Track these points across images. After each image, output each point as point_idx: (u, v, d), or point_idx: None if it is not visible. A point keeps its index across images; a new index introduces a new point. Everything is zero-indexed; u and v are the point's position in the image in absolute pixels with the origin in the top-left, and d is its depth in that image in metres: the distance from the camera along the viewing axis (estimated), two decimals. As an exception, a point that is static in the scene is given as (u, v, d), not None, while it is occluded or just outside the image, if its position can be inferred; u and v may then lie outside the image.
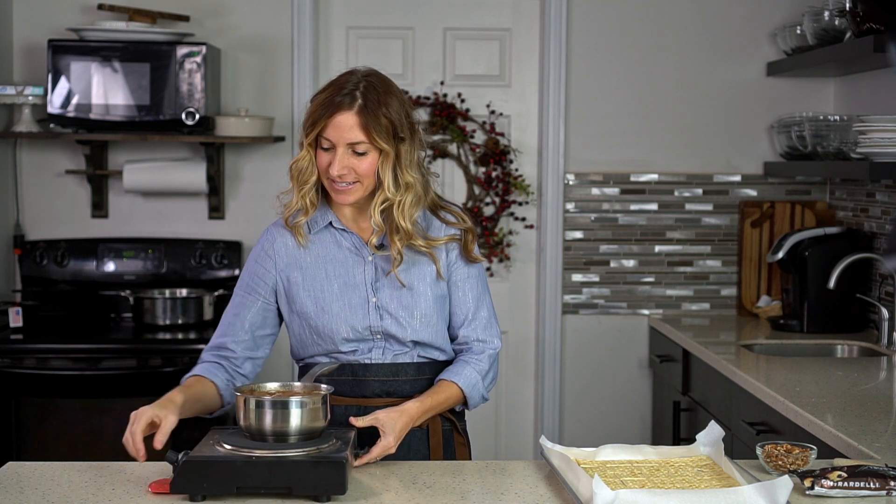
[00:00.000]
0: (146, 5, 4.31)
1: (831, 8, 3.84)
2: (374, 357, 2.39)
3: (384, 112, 2.31)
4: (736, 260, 4.50)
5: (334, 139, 2.29)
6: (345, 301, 2.37)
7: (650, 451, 2.22)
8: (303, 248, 2.40)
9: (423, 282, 2.40)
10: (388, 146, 2.31)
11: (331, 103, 2.29)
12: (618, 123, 4.48)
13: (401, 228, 2.34)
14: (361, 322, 2.37)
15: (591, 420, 4.52)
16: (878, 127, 3.47)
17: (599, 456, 2.21)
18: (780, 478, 1.89)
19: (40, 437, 3.84)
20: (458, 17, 4.52)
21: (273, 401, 2.07)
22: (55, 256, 4.29)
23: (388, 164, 2.32)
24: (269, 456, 2.01)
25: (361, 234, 2.41)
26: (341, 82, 2.34)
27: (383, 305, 2.37)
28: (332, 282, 2.38)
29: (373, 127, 2.29)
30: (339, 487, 1.99)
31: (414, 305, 2.38)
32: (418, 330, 2.38)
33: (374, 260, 2.39)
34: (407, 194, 2.34)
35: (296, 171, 2.37)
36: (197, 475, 1.98)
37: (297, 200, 2.38)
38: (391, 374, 2.39)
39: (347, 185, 2.32)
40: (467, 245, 2.43)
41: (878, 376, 3.32)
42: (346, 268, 2.39)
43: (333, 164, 2.30)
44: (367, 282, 2.38)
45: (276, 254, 2.43)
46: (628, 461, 2.18)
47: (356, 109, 2.29)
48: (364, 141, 2.29)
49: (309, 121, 2.32)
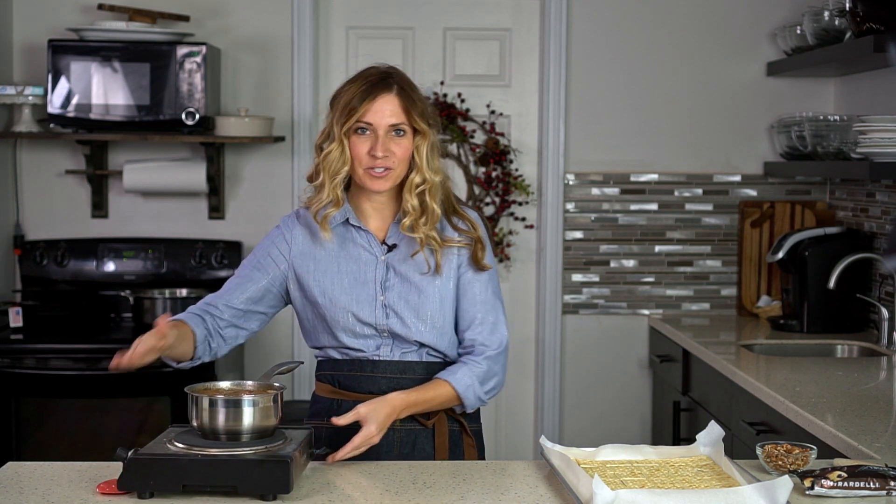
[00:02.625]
0: (146, 5, 4.31)
1: (831, 8, 3.84)
2: (383, 354, 2.40)
3: (418, 96, 2.40)
4: (736, 260, 4.50)
5: (375, 122, 2.34)
6: (353, 296, 2.39)
7: (650, 451, 2.22)
8: (324, 241, 2.41)
9: (432, 284, 2.40)
10: (426, 127, 2.37)
11: (369, 89, 2.36)
12: (618, 123, 4.48)
13: (428, 210, 2.38)
14: (367, 318, 2.38)
15: (591, 420, 4.52)
16: (878, 127, 3.47)
17: (599, 456, 2.21)
18: (780, 478, 1.89)
19: (40, 437, 3.84)
20: (458, 17, 4.52)
21: (225, 399, 2.07)
22: (55, 256, 4.29)
23: (424, 146, 2.38)
24: (214, 454, 2.02)
25: (376, 233, 2.43)
26: (369, 73, 2.41)
27: (390, 304, 2.39)
28: (343, 277, 2.40)
29: (412, 108, 2.36)
30: (283, 486, 1.99)
31: (421, 306, 2.39)
32: (423, 332, 2.39)
33: (387, 259, 2.41)
34: (437, 177, 2.40)
35: (328, 164, 2.38)
36: (144, 473, 1.99)
37: (329, 193, 2.38)
38: (399, 371, 2.40)
39: (383, 170, 2.35)
40: (476, 254, 2.44)
41: (878, 376, 3.32)
42: (359, 264, 2.41)
43: (376, 147, 2.33)
44: (377, 280, 2.40)
45: (293, 241, 2.45)
46: (628, 461, 2.18)
47: (395, 91, 2.37)
48: (404, 122, 2.36)
49: (345, 110, 2.35)
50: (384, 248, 2.42)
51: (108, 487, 2.04)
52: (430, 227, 2.38)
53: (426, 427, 2.40)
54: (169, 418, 3.77)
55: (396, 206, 2.43)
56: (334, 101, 2.41)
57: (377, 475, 2.18)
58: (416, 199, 2.38)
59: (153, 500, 2.00)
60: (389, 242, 2.42)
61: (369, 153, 2.34)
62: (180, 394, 2.26)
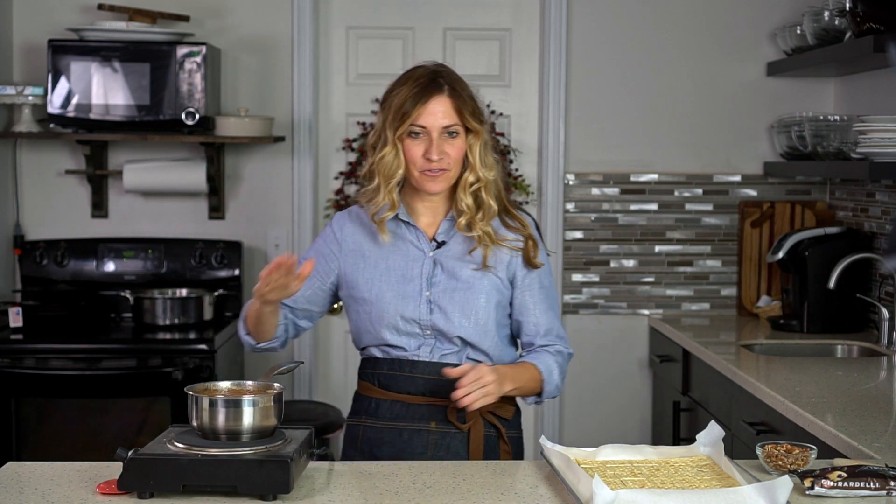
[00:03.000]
0: (146, 5, 4.31)
1: (831, 8, 3.84)
2: (423, 354, 2.41)
3: (467, 94, 2.41)
4: (736, 260, 4.50)
5: (429, 125, 2.36)
6: (398, 292, 2.41)
7: (650, 451, 2.22)
8: (379, 241, 2.43)
9: (480, 282, 2.42)
10: (479, 125, 2.39)
11: (421, 92, 2.36)
12: (618, 123, 4.48)
13: (484, 206, 2.41)
14: (412, 314, 2.40)
15: (591, 420, 4.52)
16: (878, 127, 3.47)
17: (599, 456, 2.21)
18: (780, 478, 1.89)
19: (40, 437, 3.84)
20: (458, 17, 4.52)
21: (225, 400, 2.07)
22: (55, 256, 4.29)
23: (477, 144, 2.40)
24: (214, 454, 2.02)
25: (426, 229, 2.45)
26: (419, 75, 2.41)
27: (435, 300, 2.40)
28: (391, 273, 2.42)
29: (464, 108, 2.38)
30: (283, 486, 1.99)
31: (466, 303, 2.40)
32: (466, 327, 2.40)
33: (435, 255, 2.43)
34: (491, 174, 2.42)
35: (383, 167, 2.39)
36: (143, 473, 1.99)
37: (385, 196, 2.40)
38: (437, 372, 2.39)
39: (439, 171, 2.37)
40: (528, 252, 2.46)
41: (878, 376, 3.32)
42: (406, 260, 2.43)
43: (430, 150, 2.35)
44: (424, 276, 2.42)
45: (344, 240, 2.48)
46: (628, 461, 2.18)
47: (447, 93, 2.38)
48: (457, 123, 2.38)
49: (398, 114, 2.36)
50: (433, 245, 2.44)
51: (108, 487, 2.04)
52: (487, 223, 2.41)
53: (461, 431, 2.41)
54: (169, 418, 3.77)
55: (448, 204, 2.46)
56: (385, 103, 2.41)
57: (377, 475, 2.18)
58: (470, 198, 2.41)
59: (153, 500, 2.00)
60: (439, 239, 2.44)
61: (424, 156, 2.36)
62: (180, 394, 2.27)
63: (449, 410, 2.40)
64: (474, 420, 2.41)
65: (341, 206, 4.47)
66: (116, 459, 2.03)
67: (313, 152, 4.44)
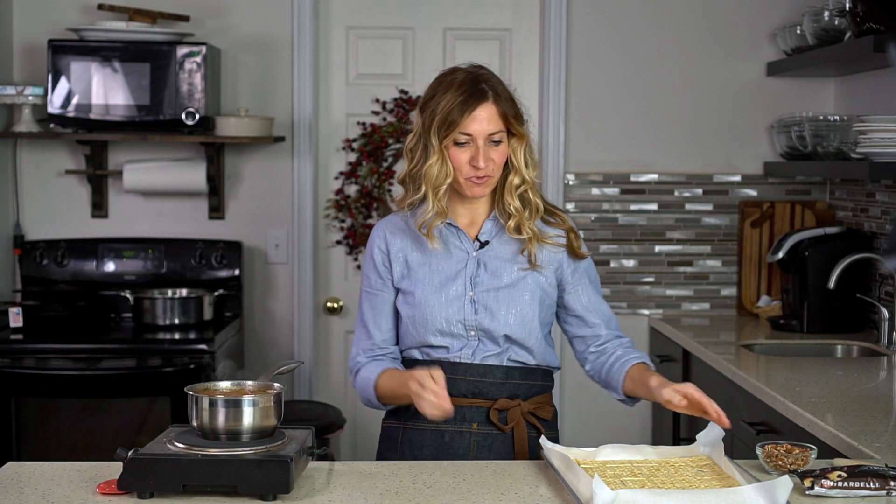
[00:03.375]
0: (146, 5, 4.31)
1: (831, 8, 3.84)
2: (464, 356, 2.40)
3: (508, 96, 2.42)
4: (736, 260, 4.50)
5: (475, 132, 2.35)
6: (443, 294, 2.40)
7: (650, 451, 2.22)
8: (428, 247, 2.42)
9: (524, 280, 2.42)
10: (523, 129, 2.41)
11: (467, 100, 2.35)
12: (618, 123, 4.48)
13: (531, 205, 2.42)
14: (456, 315, 2.40)
15: (591, 420, 4.52)
16: (878, 127, 3.47)
17: (599, 456, 2.21)
18: (781, 478, 1.89)
19: (40, 437, 3.84)
20: (458, 17, 4.52)
21: (225, 400, 2.07)
22: (55, 256, 4.29)
23: (521, 147, 2.42)
24: (214, 454, 2.02)
25: (467, 230, 2.45)
26: (462, 80, 2.40)
27: (479, 300, 2.40)
28: (435, 276, 2.42)
29: (509, 114, 2.39)
30: (283, 486, 1.99)
31: (511, 302, 2.40)
32: (512, 325, 2.40)
33: (478, 255, 2.43)
34: (536, 172, 2.45)
35: (429, 177, 2.38)
36: (143, 473, 1.99)
37: (434, 204, 2.39)
38: (480, 374, 2.40)
39: (484, 178, 2.37)
40: (572, 244, 2.48)
41: (878, 376, 3.32)
42: (450, 262, 2.43)
43: (477, 157, 2.35)
44: (468, 276, 2.41)
45: (389, 248, 2.46)
46: (628, 461, 2.18)
47: (492, 100, 2.38)
48: (502, 129, 2.38)
49: (444, 123, 2.35)
50: (476, 245, 2.44)
51: (108, 487, 2.04)
52: (534, 222, 2.43)
53: (504, 432, 2.40)
54: (169, 418, 3.77)
55: (490, 204, 2.46)
56: (426, 108, 2.39)
57: (377, 475, 2.18)
58: (517, 201, 2.41)
59: (153, 500, 2.00)
60: (482, 239, 2.44)
61: (471, 163, 2.36)
62: (180, 394, 2.26)
63: (491, 412, 2.40)
64: (516, 421, 2.41)
65: (341, 205, 4.47)
66: (116, 459, 2.03)
67: (313, 152, 4.44)
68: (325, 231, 4.53)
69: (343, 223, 4.50)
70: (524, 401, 2.44)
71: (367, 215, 4.48)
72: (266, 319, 4.49)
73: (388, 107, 4.49)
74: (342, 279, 4.55)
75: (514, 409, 2.42)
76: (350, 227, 4.49)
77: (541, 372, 2.48)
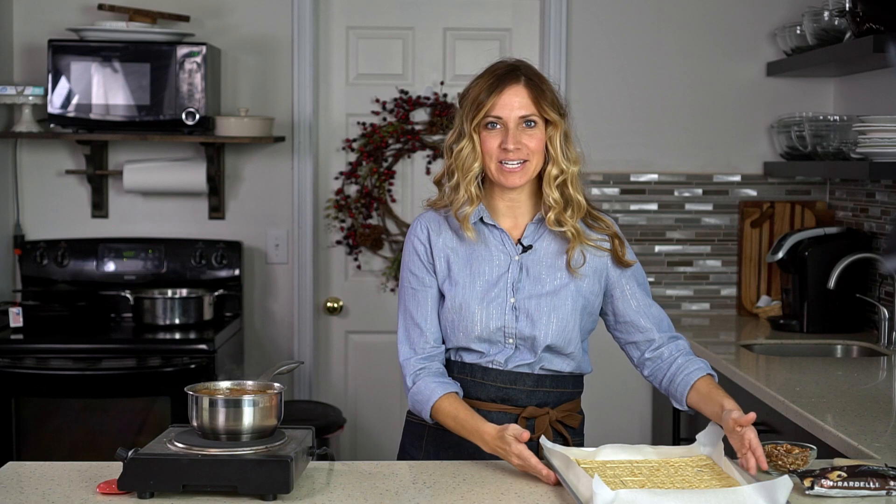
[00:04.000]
0: (146, 5, 4.31)
1: (831, 8, 3.84)
2: (496, 363, 2.35)
3: (546, 86, 2.37)
4: (736, 260, 4.50)
5: (505, 115, 2.31)
6: (484, 300, 2.34)
7: (650, 450, 2.22)
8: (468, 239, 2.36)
9: (567, 287, 2.36)
10: (558, 117, 2.34)
11: (497, 83, 2.33)
12: (618, 123, 4.47)
13: (573, 202, 2.35)
14: (496, 322, 2.34)
15: (591, 420, 4.48)
16: (878, 127, 3.47)
17: (599, 456, 2.21)
18: (780, 478, 1.89)
19: (40, 437, 3.84)
20: (458, 17, 4.52)
21: (225, 400, 2.07)
22: (55, 256, 4.29)
23: (557, 136, 2.34)
24: (214, 454, 2.02)
25: (510, 232, 2.39)
26: (496, 67, 2.39)
27: (521, 307, 2.34)
28: (476, 279, 2.36)
29: (541, 98, 2.33)
30: (283, 486, 1.99)
31: (553, 310, 2.34)
32: (553, 334, 2.34)
33: (521, 259, 2.37)
34: (576, 166, 2.37)
35: (460, 162, 2.33)
36: (143, 473, 1.99)
37: (464, 191, 2.34)
38: (510, 381, 2.36)
39: (517, 164, 2.31)
40: (616, 252, 2.41)
41: (878, 376, 3.32)
42: (491, 266, 2.37)
43: (507, 140, 2.30)
44: (510, 281, 2.35)
45: (428, 241, 2.40)
46: (628, 461, 2.19)
47: (523, 83, 2.35)
48: (534, 112, 2.32)
49: (473, 105, 2.32)
50: (519, 248, 2.37)
51: (108, 487, 2.04)
52: (577, 219, 2.35)
53: (532, 440, 2.31)
54: (169, 418, 3.77)
55: (534, 206, 2.39)
56: (463, 99, 2.37)
57: (377, 475, 2.18)
58: (556, 192, 2.34)
59: (153, 500, 2.00)
60: (525, 243, 2.37)
61: (500, 147, 2.31)
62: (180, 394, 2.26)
63: (519, 420, 2.35)
64: (544, 429, 2.36)
65: (341, 205, 4.47)
66: (116, 459, 2.03)
67: (313, 152, 4.44)
68: (325, 231, 4.53)
69: (343, 223, 4.50)
70: (553, 409, 2.39)
71: (367, 215, 4.48)
72: (266, 319, 4.49)
73: (388, 107, 4.49)
74: (342, 279, 4.55)
75: (543, 418, 2.37)
76: (350, 227, 4.49)
77: (572, 379, 2.44)
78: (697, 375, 2.37)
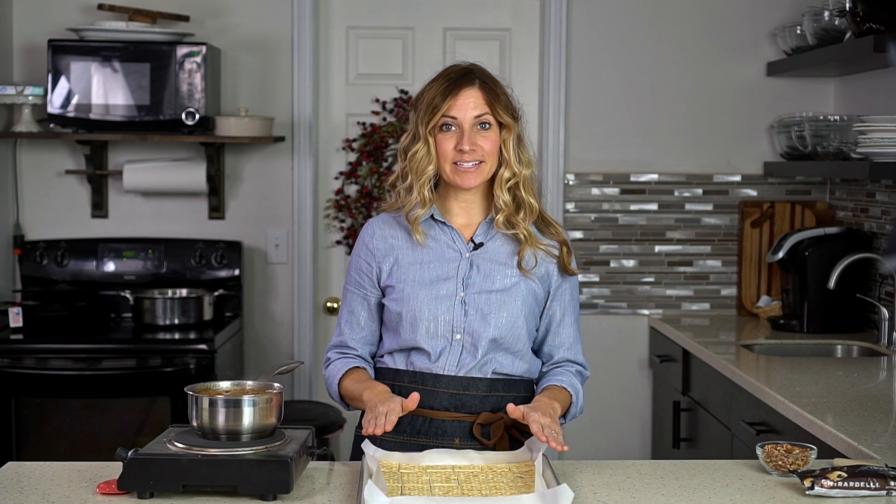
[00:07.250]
0: (146, 5, 4.31)
1: (831, 8, 3.84)
2: (448, 368, 2.34)
3: (500, 89, 2.41)
4: (736, 260, 4.50)
5: (460, 116, 2.34)
6: (433, 293, 2.35)
7: (475, 455, 2.18)
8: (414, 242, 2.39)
9: (517, 286, 2.37)
10: (511, 120, 2.38)
11: (451, 86, 2.36)
12: (618, 123, 4.48)
13: (525, 204, 2.38)
14: (445, 314, 2.34)
15: (591, 420, 4.51)
16: (878, 127, 3.47)
17: (424, 460, 2.16)
18: (561, 486, 1.87)
19: (40, 437, 3.84)
20: (458, 17, 4.52)
21: (225, 399, 2.07)
22: (55, 256, 4.29)
23: (511, 139, 2.38)
24: (214, 454, 2.02)
25: (462, 230, 2.41)
26: (450, 71, 2.42)
27: (470, 301, 2.35)
28: (425, 274, 2.37)
29: (495, 101, 2.37)
30: (284, 486, 1.99)
31: (503, 305, 2.35)
32: (502, 328, 2.34)
33: (471, 256, 2.38)
34: (529, 170, 2.41)
35: (414, 164, 2.36)
36: (143, 473, 1.99)
37: (417, 194, 2.37)
38: (462, 387, 2.34)
39: (472, 165, 2.34)
40: (563, 259, 2.42)
41: (878, 376, 3.32)
42: (442, 262, 2.38)
43: (462, 141, 2.33)
44: (459, 276, 2.37)
45: (376, 248, 2.42)
46: (451, 466, 2.14)
47: (478, 85, 2.38)
48: (489, 113, 2.36)
49: (428, 108, 2.35)
50: (470, 246, 2.39)
51: (108, 487, 2.04)
52: (529, 222, 2.39)
53: (487, 447, 2.31)
54: (169, 418, 3.77)
55: (487, 207, 2.42)
56: (417, 103, 2.40)
57: (377, 475, 2.18)
58: (507, 195, 2.38)
59: (153, 500, 2.00)
60: (477, 240, 2.39)
61: (456, 148, 2.33)
62: (180, 394, 2.26)
63: (474, 427, 2.34)
64: (500, 436, 2.34)
65: (341, 205, 4.47)
66: (116, 459, 2.03)
67: (313, 152, 4.44)
68: (325, 231, 4.53)
69: (343, 223, 4.50)
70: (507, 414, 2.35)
71: (367, 215, 4.48)
72: (266, 319, 4.49)
73: (388, 107, 4.49)
74: (342, 279, 4.55)
75: (498, 424, 2.34)
76: (350, 227, 4.49)
77: (524, 383, 2.43)
78: (551, 382, 2.39)
